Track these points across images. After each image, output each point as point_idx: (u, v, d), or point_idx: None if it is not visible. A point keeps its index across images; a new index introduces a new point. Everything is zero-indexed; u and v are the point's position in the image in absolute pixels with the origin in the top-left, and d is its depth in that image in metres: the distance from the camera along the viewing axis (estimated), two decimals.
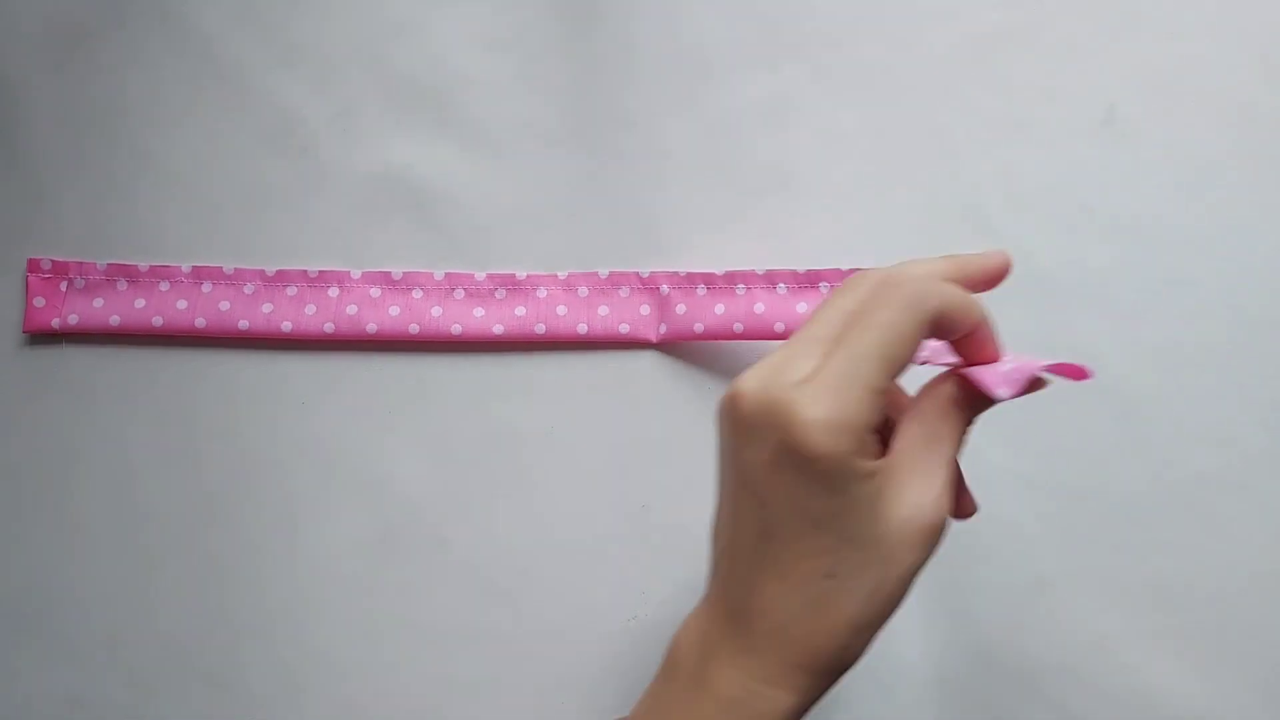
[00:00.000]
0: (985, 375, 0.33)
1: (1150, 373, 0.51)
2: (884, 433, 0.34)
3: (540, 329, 0.52)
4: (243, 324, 0.52)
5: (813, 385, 0.30)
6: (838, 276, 0.51)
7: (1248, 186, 0.52)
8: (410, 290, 0.53)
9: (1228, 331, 0.51)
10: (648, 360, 0.53)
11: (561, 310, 0.52)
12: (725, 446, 0.33)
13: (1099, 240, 0.52)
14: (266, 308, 0.52)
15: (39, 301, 0.52)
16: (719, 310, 0.51)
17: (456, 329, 0.52)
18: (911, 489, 0.32)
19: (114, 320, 0.52)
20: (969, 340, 0.34)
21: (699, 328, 0.51)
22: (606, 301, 0.52)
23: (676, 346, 0.53)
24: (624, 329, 0.52)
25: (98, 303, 0.52)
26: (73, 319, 0.52)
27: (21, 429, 0.53)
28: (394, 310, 0.52)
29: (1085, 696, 0.49)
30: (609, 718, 0.52)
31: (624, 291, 0.52)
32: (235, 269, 0.53)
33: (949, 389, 0.34)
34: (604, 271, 0.52)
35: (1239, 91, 0.52)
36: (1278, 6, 0.53)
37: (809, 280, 0.48)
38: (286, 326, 0.52)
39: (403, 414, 0.53)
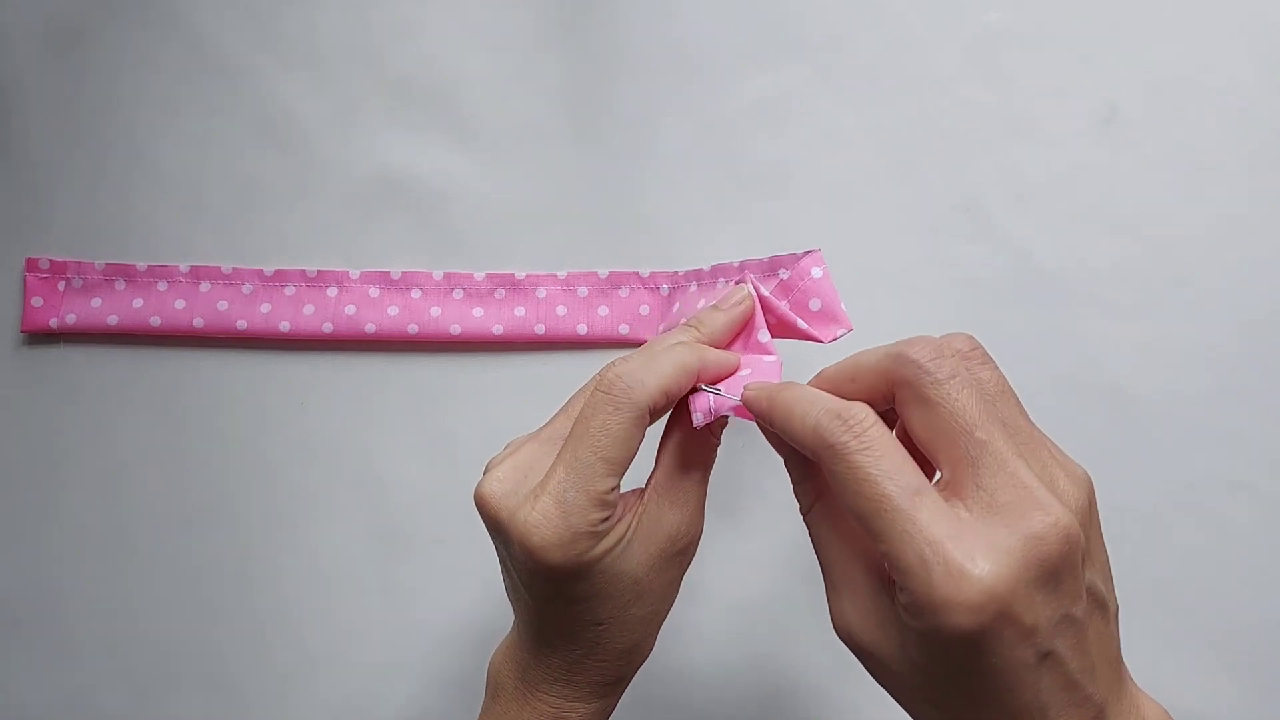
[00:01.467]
0: (698, 400, 0.36)
1: (1150, 373, 0.51)
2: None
3: (540, 329, 0.52)
4: (241, 324, 0.52)
5: (540, 503, 0.33)
6: (792, 262, 0.49)
7: (1248, 186, 0.52)
8: (409, 290, 0.52)
9: (1228, 331, 0.51)
10: None
11: (561, 310, 0.52)
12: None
13: (1100, 240, 0.52)
14: (265, 308, 0.52)
15: (36, 301, 0.52)
16: (702, 306, 0.51)
17: (456, 329, 0.52)
18: (667, 519, 0.36)
19: (112, 320, 0.52)
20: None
21: None
22: (606, 302, 0.52)
23: None
24: (624, 330, 0.52)
25: (95, 302, 0.52)
26: (70, 319, 0.52)
27: (19, 429, 0.53)
28: (393, 310, 0.52)
29: None
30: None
31: (624, 291, 0.52)
32: (233, 269, 0.53)
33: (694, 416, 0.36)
34: (604, 272, 0.52)
35: (1239, 92, 0.52)
36: (1278, 6, 0.52)
37: (770, 268, 0.47)
38: (285, 326, 0.52)
39: (402, 414, 0.52)
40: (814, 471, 0.33)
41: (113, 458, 0.53)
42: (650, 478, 0.37)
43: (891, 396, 0.31)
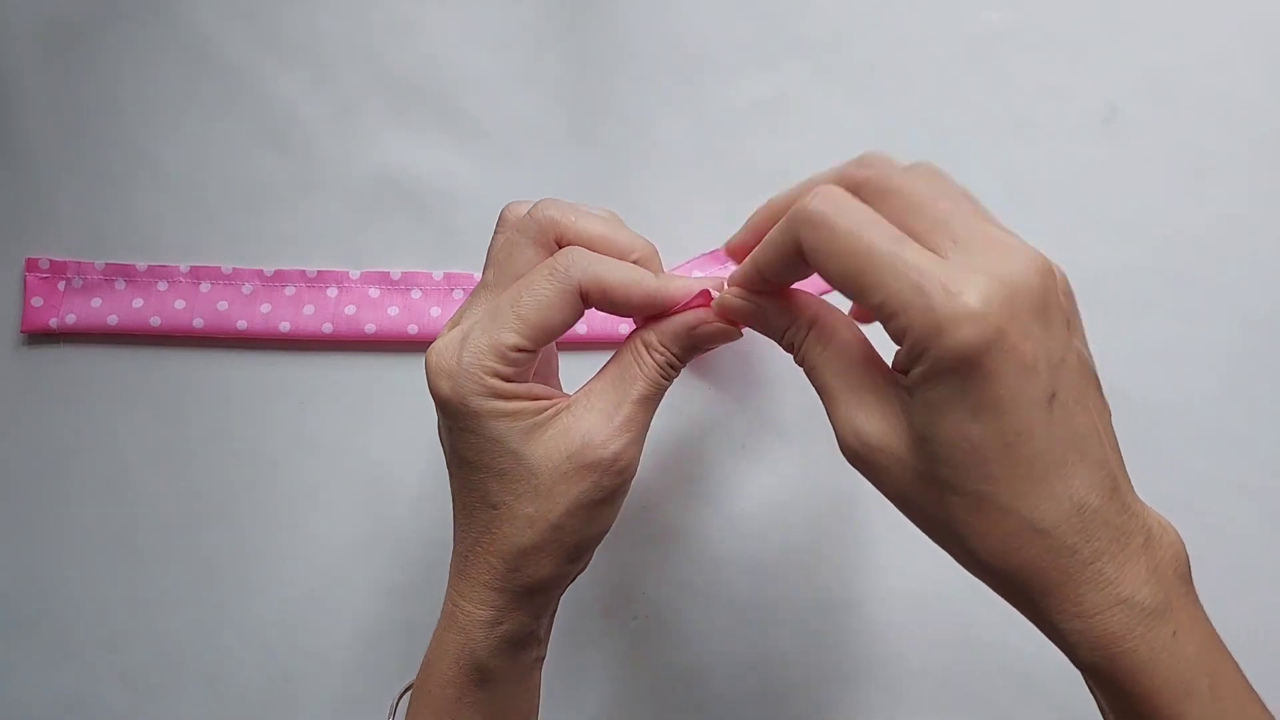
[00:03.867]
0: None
1: (1150, 373, 0.51)
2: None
3: None
4: (241, 324, 0.52)
5: (449, 334, 0.35)
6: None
7: (1248, 186, 0.52)
8: (409, 290, 0.52)
9: (1228, 332, 0.51)
10: None
11: None
12: None
13: (1100, 240, 0.52)
14: (265, 308, 0.52)
15: (36, 301, 0.52)
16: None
17: None
18: (584, 424, 0.35)
19: (112, 320, 0.52)
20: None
21: None
22: None
23: None
24: (623, 329, 0.52)
25: (95, 302, 0.52)
26: (70, 319, 0.52)
27: (19, 429, 0.53)
28: (393, 310, 0.52)
29: (1085, 696, 0.49)
30: (606, 718, 0.52)
31: None
32: (233, 269, 0.53)
33: (642, 333, 0.36)
34: None
35: (1239, 91, 0.52)
36: (1277, 6, 0.52)
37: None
38: (285, 327, 0.52)
39: (401, 415, 0.52)
40: (796, 310, 0.34)
41: (113, 458, 0.53)
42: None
43: None
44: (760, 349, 0.52)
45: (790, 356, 0.35)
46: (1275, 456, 0.51)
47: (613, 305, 0.35)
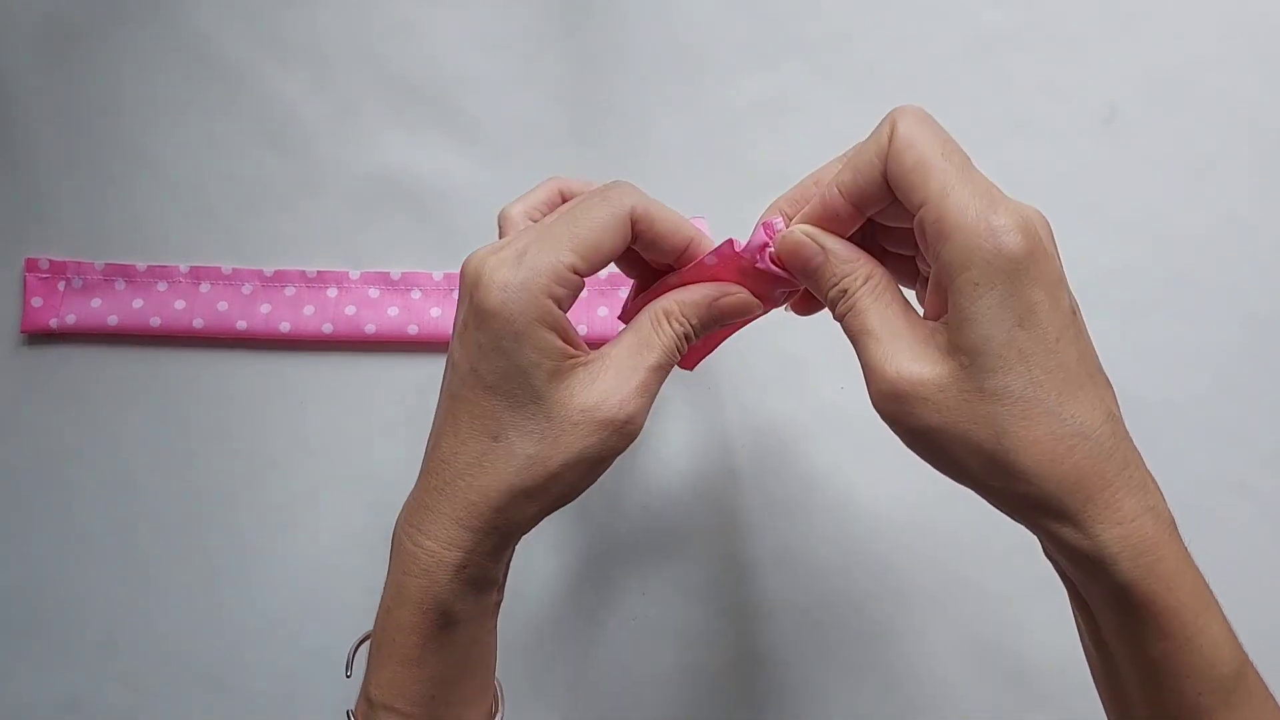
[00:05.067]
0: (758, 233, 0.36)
1: (1150, 373, 0.51)
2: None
3: None
4: (241, 324, 0.52)
5: (505, 251, 0.34)
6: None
7: (1248, 186, 0.52)
8: (409, 291, 0.52)
9: (1228, 331, 0.51)
10: None
11: None
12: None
13: (1100, 240, 0.52)
14: (265, 308, 0.52)
15: (36, 301, 0.52)
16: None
17: None
18: (602, 383, 0.35)
19: (112, 320, 0.52)
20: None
21: None
22: (605, 302, 0.52)
23: None
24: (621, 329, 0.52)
25: (95, 303, 0.52)
26: (70, 319, 0.52)
27: (19, 430, 0.53)
28: (393, 311, 0.52)
29: (1084, 697, 0.49)
30: (606, 718, 0.52)
31: (623, 292, 0.52)
32: (233, 269, 0.53)
33: (663, 302, 0.37)
34: (602, 272, 0.52)
35: (1239, 91, 0.52)
36: (1276, 6, 0.52)
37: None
38: (285, 327, 0.52)
39: (401, 415, 0.52)
40: (857, 258, 0.35)
41: (111, 458, 0.53)
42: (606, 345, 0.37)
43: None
44: (760, 349, 0.52)
45: (818, 322, 0.36)
46: (1274, 456, 0.51)
47: (654, 241, 0.36)
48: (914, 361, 0.32)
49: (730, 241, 0.36)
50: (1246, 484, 0.51)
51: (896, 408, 0.32)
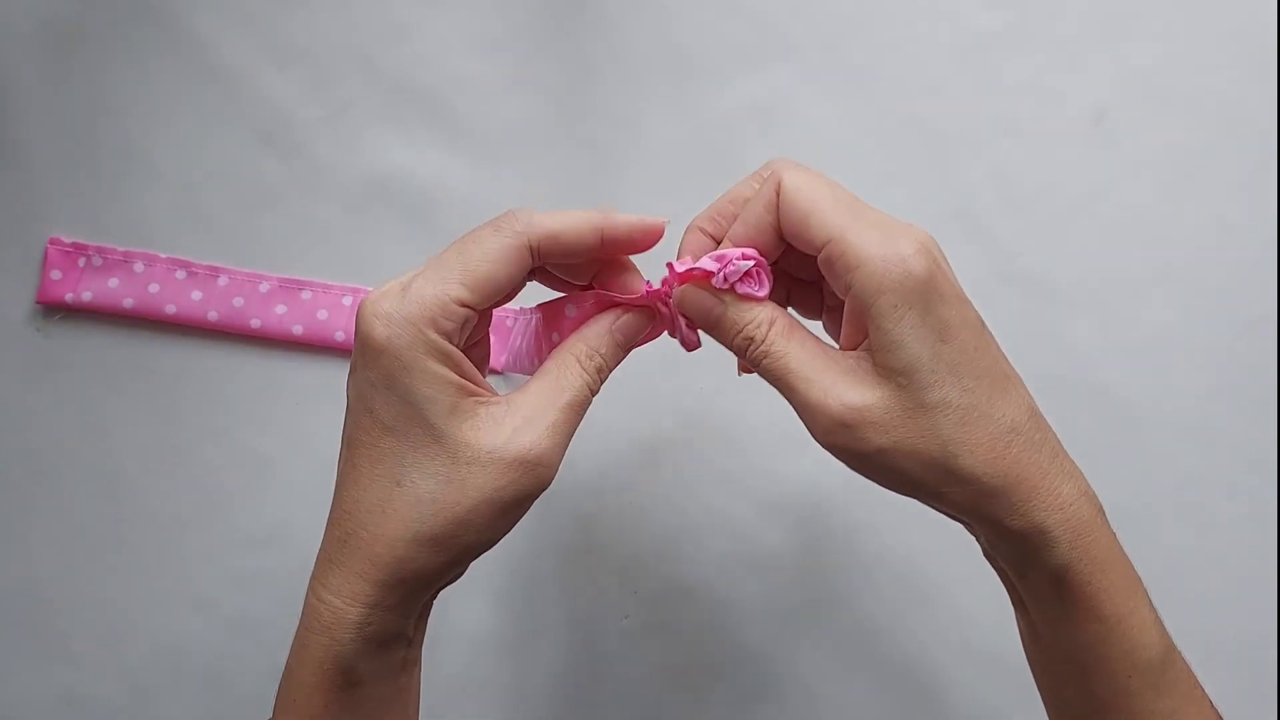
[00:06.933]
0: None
1: (1140, 373, 0.52)
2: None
3: None
4: (255, 322, 0.53)
5: (390, 284, 0.33)
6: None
7: (1237, 187, 0.52)
8: None
9: (1217, 332, 0.52)
10: (645, 360, 0.53)
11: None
12: None
13: (1089, 240, 0.52)
14: (280, 309, 0.53)
15: (56, 274, 0.52)
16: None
17: None
18: (510, 421, 0.33)
19: (127, 303, 0.52)
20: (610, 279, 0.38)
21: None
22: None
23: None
24: None
25: (113, 283, 0.53)
26: (86, 295, 0.52)
27: (18, 429, 0.53)
28: None
29: None
30: (601, 716, 0.53)
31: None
32: (251, 272, 0.53)
33: (570, 343, 0.36)
34: None
35: (1228, 93, 0.53)
36: (1265, 9, 0.53)
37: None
38: (298, 330, 0.53)
39: None
40: (757, 308, 0.36)
41: (111, 457, 0.53)
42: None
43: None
44: None
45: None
46: (1264, 456, 0.51)
47: (566, 250, 0.35)
48: (851, 390, 0.33)
49: (647, 283, 0.38)
50: (1235, 483, 0.51)
51: (846, 437, 0.33)
